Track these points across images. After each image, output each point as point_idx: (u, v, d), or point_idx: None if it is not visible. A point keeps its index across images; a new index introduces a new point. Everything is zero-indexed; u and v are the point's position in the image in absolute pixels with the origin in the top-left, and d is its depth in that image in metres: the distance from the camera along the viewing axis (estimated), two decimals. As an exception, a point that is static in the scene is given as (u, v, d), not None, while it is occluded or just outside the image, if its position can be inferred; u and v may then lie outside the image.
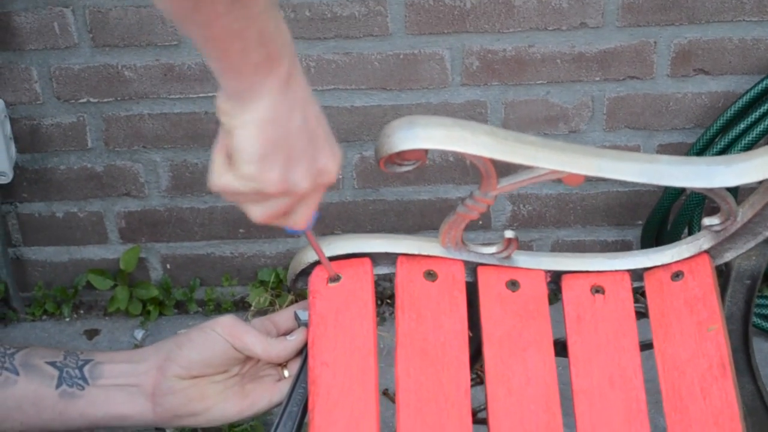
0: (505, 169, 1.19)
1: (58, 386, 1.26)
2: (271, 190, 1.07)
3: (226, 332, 1.27)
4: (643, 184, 1.16)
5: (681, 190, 2.05)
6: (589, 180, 2.19)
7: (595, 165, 1.18)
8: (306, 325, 1.29)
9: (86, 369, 1.27)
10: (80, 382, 1.27)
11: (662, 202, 2.09)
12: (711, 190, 1.21)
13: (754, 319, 2.20)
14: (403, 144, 1.16)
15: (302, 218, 1.15)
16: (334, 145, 1.13)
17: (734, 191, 1.98)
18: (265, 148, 1.04)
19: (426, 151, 1.17)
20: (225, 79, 1.00)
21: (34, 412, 1.25)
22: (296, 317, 1.30)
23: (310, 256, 1.32)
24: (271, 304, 2.31)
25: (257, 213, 1.11)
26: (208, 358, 1.27)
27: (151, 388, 1.27)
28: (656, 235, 2.14)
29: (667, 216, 2.11)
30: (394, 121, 1.17)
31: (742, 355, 1.39)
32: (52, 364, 1.27)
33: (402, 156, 1.17)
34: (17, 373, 1.25)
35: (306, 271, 1.33)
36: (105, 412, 1.27)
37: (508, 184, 1.22)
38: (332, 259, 1.31)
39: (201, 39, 0.97)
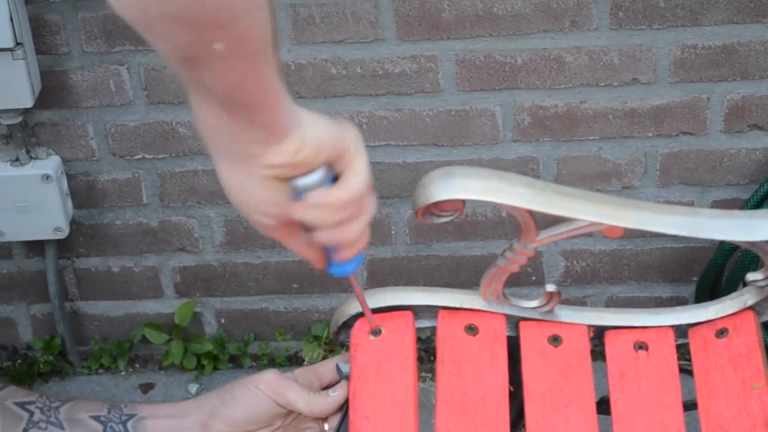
0: (549, 223, 1.19)
1: None
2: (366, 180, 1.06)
3: (269, 389, 1.27)
4: (696, 240, 1.16)
5: (735, 246, 2.03)
6: (642, 235, 2.19)
7: (634, 217, 1.18)
8: (347, 378, 1.28)
9: (130, 424, 1.27)
10: None
11: (716, 259, 2.07)
12: (753, 243, 1.19)
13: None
14: (440, 194, 1.16)
15: (368, 235, 1.13)
16: None
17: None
18: (338, 146, 1.04)
19: (463, 202, 1.17)
20: (271, 124, 0.99)
21: None
22: (338, 370, 1.30)
23: (353, 309, 1.32)
24: (324, 359, 2.31)
25: (357, 228, 1.09)
26: (252, 415, 1.27)
27: None
28: (711, 291, 2.12)
29: (721, 272, 2.09)
30: (432, 171, 1.17)
31: (793, 418, 1.36)
32: (96, 418, 1.27)
33: (439, 207, 1.17)
34: (62, 428, 1.26)
35: (348, 324, 1.33)
36: None
37: (547, 236, 1.21)
38: (374, 311, 1.31)
39: (242, 107, 0.97)
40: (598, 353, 1.32)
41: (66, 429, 1.25)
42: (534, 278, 2.24)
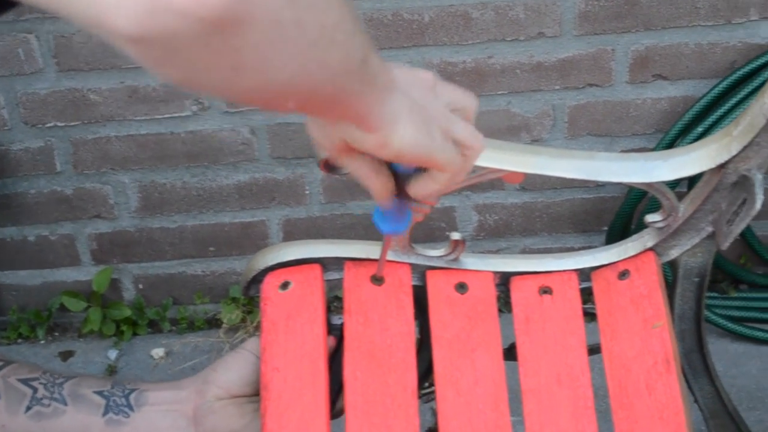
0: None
1: (104, 414, 1.27)
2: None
3: (257, 349, 1.29)
4: (605, 190, 1.18)
5: (643, 194, 2.06)
6: (553, 187, 2.22)
7: (533, 162, 1.20)
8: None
9: (132, 397, 1.29)
10: (126, 409, 1.28)
11: (624, 207, 2.10)
12: (650, 185, 1.22)
13: (720, 321, 2.21)
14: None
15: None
16: None
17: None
18: (420, 157, 1.01)
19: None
20: (360, 122, 0.95)
21: None
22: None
23: (262, 263, 1.33)
24: (243, 320, 2.32)
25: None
26: (244, 376, 1.29)
27: (191, 411, 1.28)
28: (620, 239, 2.15)
29: (630, 220, 2.13)
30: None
31: (698, 356, 1.39)
32: (100, 393, 1.28)
33: (340, 159, 1.18)
34: (65, 404, 1.26)
35: (258, 279, 1.34)
36: None
37: (448, 185, 1.23)
38: (282, 265, 1.32)
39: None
40: (505, 305, 1.35)
41: (69, 404, 1.26)
42: (447, 233, 2.26)
